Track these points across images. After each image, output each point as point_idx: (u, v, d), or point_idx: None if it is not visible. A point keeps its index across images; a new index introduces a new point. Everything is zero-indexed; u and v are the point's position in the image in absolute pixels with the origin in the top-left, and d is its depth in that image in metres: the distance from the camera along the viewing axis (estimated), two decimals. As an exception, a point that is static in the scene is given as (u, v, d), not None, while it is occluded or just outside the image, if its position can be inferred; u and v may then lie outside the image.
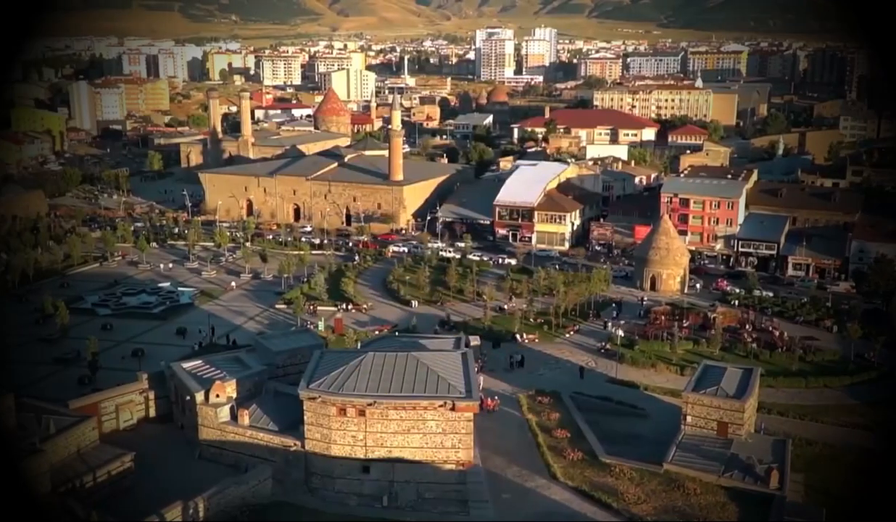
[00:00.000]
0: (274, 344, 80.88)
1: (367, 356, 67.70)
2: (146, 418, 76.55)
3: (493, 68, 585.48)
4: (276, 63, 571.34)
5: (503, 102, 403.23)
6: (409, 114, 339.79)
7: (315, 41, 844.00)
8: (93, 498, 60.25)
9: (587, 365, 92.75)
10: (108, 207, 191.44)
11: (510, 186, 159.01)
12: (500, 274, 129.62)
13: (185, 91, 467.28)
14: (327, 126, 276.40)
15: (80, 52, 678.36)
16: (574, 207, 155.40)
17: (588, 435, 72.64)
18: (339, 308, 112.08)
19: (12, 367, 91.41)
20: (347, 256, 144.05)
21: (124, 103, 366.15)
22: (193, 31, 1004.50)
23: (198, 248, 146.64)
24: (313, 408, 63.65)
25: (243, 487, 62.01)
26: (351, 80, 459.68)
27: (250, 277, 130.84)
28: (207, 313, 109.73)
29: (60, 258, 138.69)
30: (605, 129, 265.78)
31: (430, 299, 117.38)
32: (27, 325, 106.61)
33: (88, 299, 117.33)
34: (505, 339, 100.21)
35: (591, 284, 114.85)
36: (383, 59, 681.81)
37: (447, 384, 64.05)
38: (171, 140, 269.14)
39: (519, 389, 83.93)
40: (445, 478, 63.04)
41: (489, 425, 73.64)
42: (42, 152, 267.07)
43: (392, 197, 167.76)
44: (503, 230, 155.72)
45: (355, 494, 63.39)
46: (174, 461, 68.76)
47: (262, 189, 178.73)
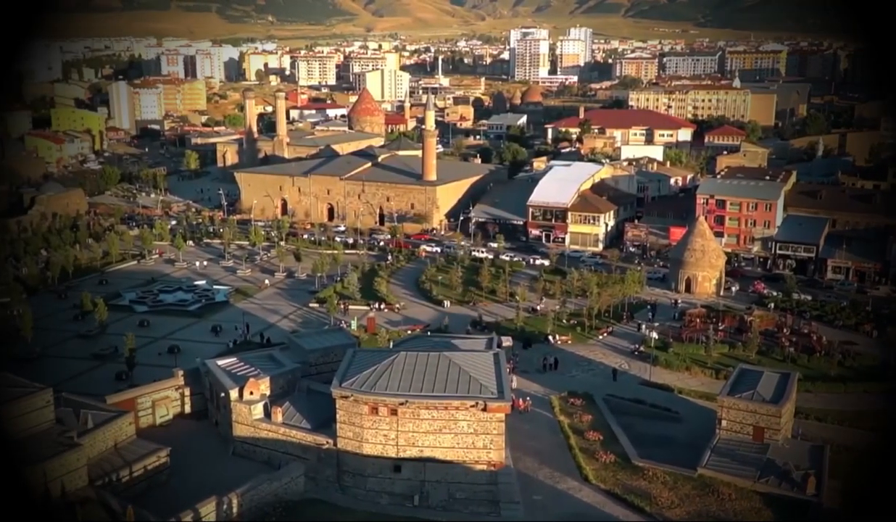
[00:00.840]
0: (307, 342, 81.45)
1: (400, 355, 67.81)
2: (181, 414, 77.46)
3: (527, 68, 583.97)
4: (311, 63, 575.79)
5: (537, 102, 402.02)
6: (442, 115, 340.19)
7: (350, 41, 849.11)
8: (129, 492, 61.17)
9: (620, 367, 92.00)
10: (145, 206, 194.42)
11: (543, 187, 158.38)
12: (532, 275, 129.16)
13: (221, 91, 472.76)
14: (361, 126, 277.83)
15: (120, 52, 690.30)
16: (608, 208, 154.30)
17: (621, 437, 72.04)
18: (372, 307, 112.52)
19: (52, 362, 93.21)
20: (380, 256, 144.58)
21: (162, 103, 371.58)
22: (230, 31, 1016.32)
23: (233, 247, 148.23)
24: (345, 407, 63.93)
25: (276, 484, 62.51)
26: (385, 81, 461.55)
27: (284, 276, 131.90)
28: (242, 311, 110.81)
29: (99, 255, 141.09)
30: (641, 130, 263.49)
31: (462, 299, 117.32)
32: (66, 321, 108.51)
33: (126, 296, 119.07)
34: (537, 340, 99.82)
35: (625, 286, 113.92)
36: (417, 60, 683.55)
37: (479, 384, 63.92)
38: (208, 139, 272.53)
39: (551, 390, 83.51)
40: (477, 479, 62.93)
41: (521, 426, 73.39)
42: (82, 151, 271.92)
43: (425, 197, 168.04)
44: (536, 231, 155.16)
45: (386, 493, 63.55)
46: (209, 457, 69.52)
47: (297, 188, 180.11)
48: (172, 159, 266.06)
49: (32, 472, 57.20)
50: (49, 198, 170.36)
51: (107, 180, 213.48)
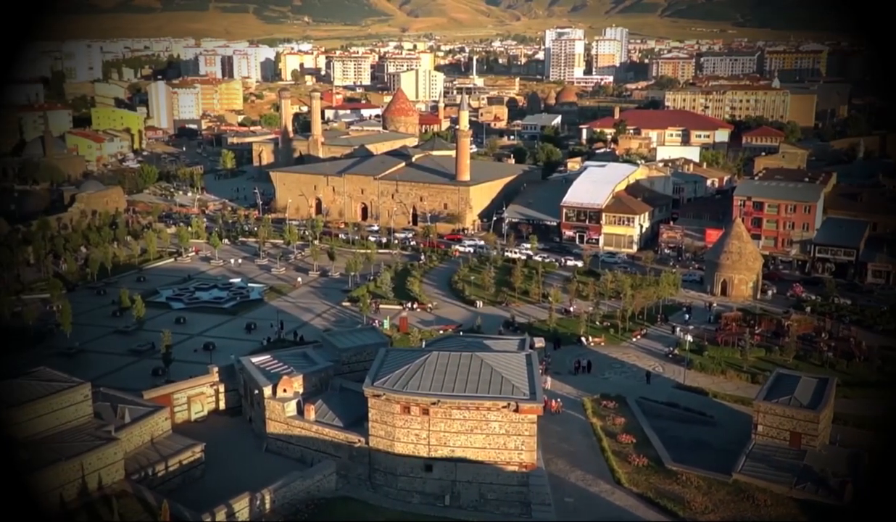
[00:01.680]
0: (340, 341, 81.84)
1: (432, 355, 67.85)
2: (216, 410, 78.30)
3: (562, 68, 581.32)
4: (346, 64, 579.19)
5: (572, 103, 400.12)
6: (476, 115, 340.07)
7: (385, 42, 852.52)
8: (164, 487, 61.98)
9: (654, 369, 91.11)
10: (182, 204, 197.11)
11: (578, 187, 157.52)
12: (566, 276, 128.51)
13: (258, 91, 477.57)
14: (395, 126, 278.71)
15: (159, 53, 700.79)
16: (643, 209, 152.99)
17: (654, 440, 71.32)
18: (405, 306, 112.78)
19: (90, 357, 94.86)
20: (413, 255, 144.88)
21: (200, 103, 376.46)
22: (267, 32, 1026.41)
23: (268, 245, 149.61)
24: (378, 406, 64.14)
25: (308, 481, 62.91)
26: (419, 81, 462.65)
27: (318, 274, 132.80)
28: (276, 309, 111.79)
29: (137, 253, 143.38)
30: (677, 130, 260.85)
31: (494, 300, 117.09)
32: (105, 317, 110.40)
33: (163, 293, 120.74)
34: (570, 341, 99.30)
35: (660, 288, 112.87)
36: (452, 60, 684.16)
37: (511, 385, 63.74)
38: (244, 139, 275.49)
39: (583, 392, 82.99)
40: (508, 480, 62.77)
41: (553, 427, 73.04)
42: (121, 150, 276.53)
43: (458, 197, 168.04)
44: (570, 231, 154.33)
45: (418, 492, 63.64)
46: (242, 453, 70.19)
47: (331, 188, 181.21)
48: (209, 158, 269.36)
49: (71, 466, 58.30)
50: (89, 195, 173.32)
51: (145, 179, 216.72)
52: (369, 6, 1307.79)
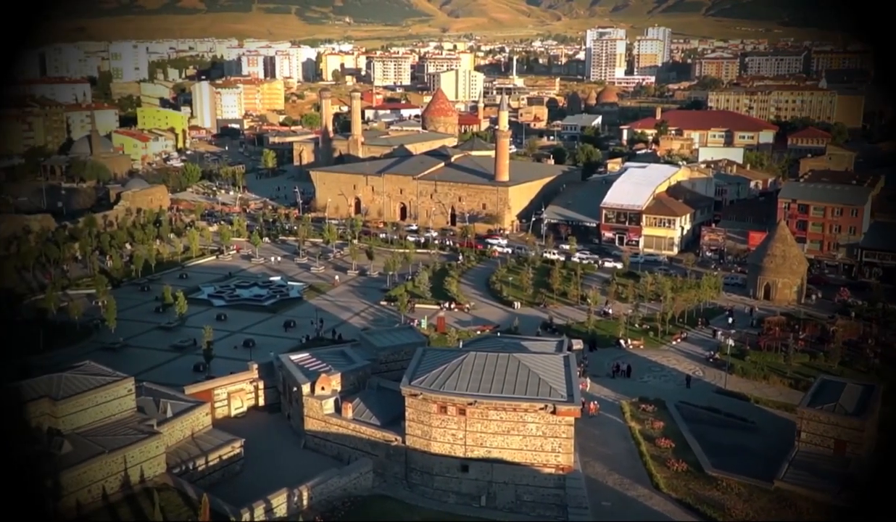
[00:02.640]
0: (378, 339, 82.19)
1: (469, 355, 67.79)
2: (255, 406, 79.16)
3: (603, 68, 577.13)
4: (386, 64, 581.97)
5: (613, 103, 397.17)
6: (516, 115, 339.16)
7: (425, 42, 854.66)
8: (204, 481, 62.85)
9: (694, 373, 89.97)
10: (224, 203, 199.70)
11: (618, 189, 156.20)
12: (605, 278, 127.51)
13: (299, 91, 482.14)
14: (435, 126, 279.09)
15: (203, 53, 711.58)
16: (684, 211, 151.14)
17: (693, 445, 70.34)
18: (442, 306, 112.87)
19: (134, 352, 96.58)
20: (451, 255, 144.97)
21: (242, 102, 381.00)
22: (309, 32, 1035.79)
23: (307, 244, 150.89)
24: (415, 405, 64.28)
25: (345, 478, 63.27)
26: (459, 81, 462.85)
27: (357, 274, 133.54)
28: (315, 307, 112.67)
29: (180, 250, 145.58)
30: (720, 131, 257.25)
31: (532, 301, 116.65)
32: (148, 313, 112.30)
33: (205, 290, 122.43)
34: (608, 344, 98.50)
35: (701, 291, 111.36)
36: (492, 60, 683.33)
37: (548, 387, 63.39)
38: (285, 138, 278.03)
39: (622, 395, 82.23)
40: (544, 482, 62.45)
41: (590, 430, 72.47)
42: (166, 149, 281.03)
43: (497, 197, 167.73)
44: (610, 233, 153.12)
45: (454, 492, 63.63)
46: (280, 449, 70.86)
47: (370, 187, 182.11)
48: (251, 157, 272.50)
49: (114, 458, 59.42)
50: (134, 193, 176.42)
51: (188, 177, 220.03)
52: (410, 7, 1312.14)
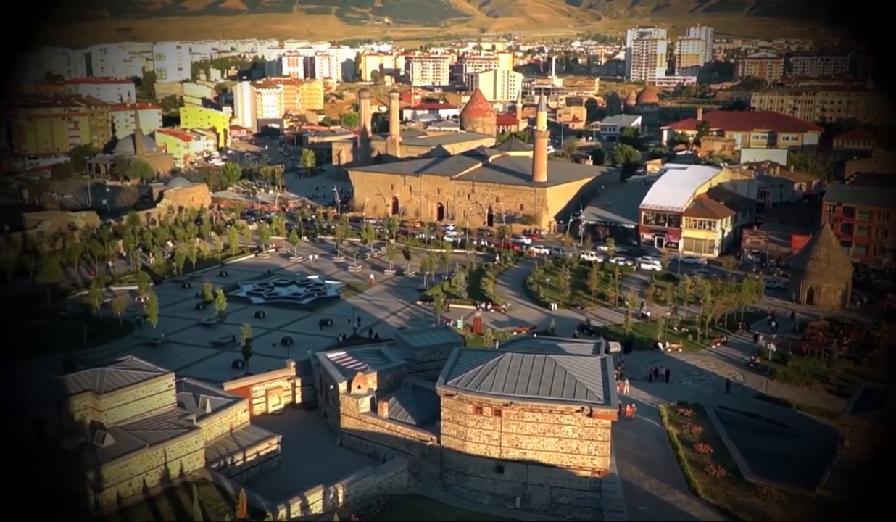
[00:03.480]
0: (414, 339, 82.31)
1: (505, 356, 67.58)
2: (292, 404, 79.77)
3: (643, 69, 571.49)
4: (425, 64, 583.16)
5: (653, 104, 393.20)
6: (554, 115, 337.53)
7: (464, 42, 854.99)
8: (242, 476, 63.48)
9: (734, 378, 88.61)
10: (264, 202, 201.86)
11: (657, 190, 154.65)
12: (643, 280, 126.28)
13: (338, 91, 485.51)
14: (473, 126, 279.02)
15: (245, 54, 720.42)
16: (725, 213, 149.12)
17: (733, 451, 69.24)
18: (479, 307, 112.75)
19: (174, 348, 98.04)
20: (488, 256, 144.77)
21: (282, 103, 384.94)
22: (348, 33, 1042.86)
23: (345, 243, 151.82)
24: (450, 405, 64.26)
25: (380, 477, 63.47)
26: (498, 81, 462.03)
27: (393, 273, 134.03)
28: (352, 306, 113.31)
29: (220, 248, 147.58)
30: (763, 132, 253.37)
31: (569, 302, 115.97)
32: (189, 310, 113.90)
33: (244, 288, 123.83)
34: (646, 347, 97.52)
35: (742, 294, 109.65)
36: (531, 60, 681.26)
37: (585, 389, 62.92)
38: (324, 138, 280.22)
39: (659, 399, 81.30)
40: (580, 485, 62.01)
41: (627, 434, 71.78)
42: (207, 148, 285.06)
43: (535, 198, 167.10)
44: (648, 235, 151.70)
45: (489, 493, 63.47)
46: (317, 447, 71.35)
47: (408, 187, 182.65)
48: (290, 157, 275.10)
49: (154, 452, 60.38)
50: (176, 192, 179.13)
51: (229, 176, 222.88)
52: (449, 7, 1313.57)
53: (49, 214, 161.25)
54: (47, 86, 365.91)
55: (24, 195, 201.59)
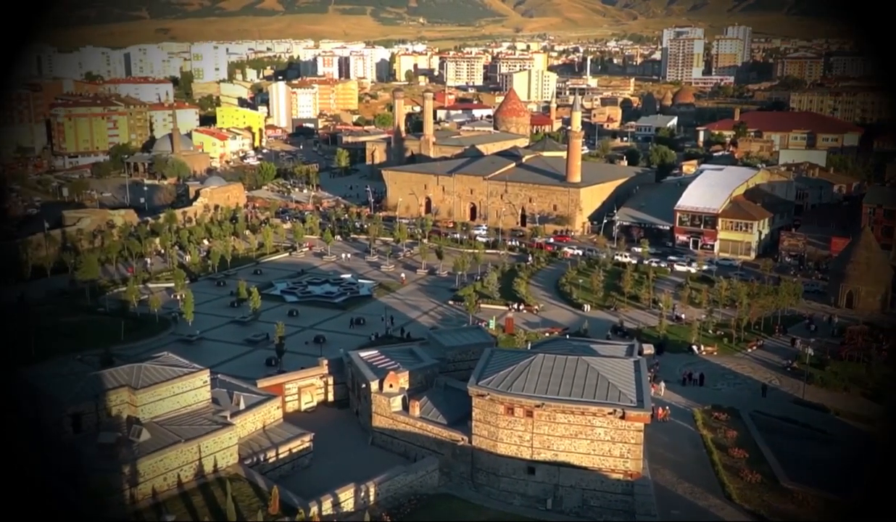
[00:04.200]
0: (446, 339, 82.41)
1: (537, 357, 67.35)
2: (324, 402, 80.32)
3: (679, 69, 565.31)
4: (459, 64, 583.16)
5: (689, 104, 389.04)
6: (589, 116, 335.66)
7: (498, 42, 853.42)
8: (274, 473, 64.09)
9: (770, 382, 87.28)
10: (298, 201, 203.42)
11: (693, 191, 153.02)
12: (678, 282, 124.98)
13: (372, 91, 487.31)
14: (506, 126, 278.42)
15: (280, 54, 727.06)
16: (762, 215, 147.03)
17: (768, 456, 68.22)
18: (511, 307, 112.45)
19: (209, 345, 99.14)
20: (521, 256, 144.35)
21: (317, 102, 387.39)
22: (383, 33, 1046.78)
23: (378, 243, 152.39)
24: (482, 405, 64.19)
25: (412, 476, 63.65)
26: (532, 81, 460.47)
27: (426, 273, 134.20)
28: (384, 305, 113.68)
29: (255, 246, 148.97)
30: (802, 133, 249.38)
31: (603, 304, 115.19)
32: (223, 307, 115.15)
33: (278, 286, 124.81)
34: (680, 350, 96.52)
35: (779, 298, 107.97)
36: (565, 60, 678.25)
37: (618, 391, 62.46)
38: (358, 138, 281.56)
39: (693, 402, 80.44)
40: (612, 487, 61.57)
41: (660, 437, 71.10)
42: (243, 148, 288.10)
43: (568, 198, 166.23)
44: (683, 236, 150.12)
45: (520, 494, 63.31)
46: (348, 445, 71.70)
47: (441, 187, 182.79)
48: (324, 156, 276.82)
49: (189, 448, 61.13)
50: (212, 190, 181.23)
51: (264, 175, 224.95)
52: (484, 7, 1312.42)
53: (88, 212, 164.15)
54: (87, 85, 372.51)
55: (64, 193, 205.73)
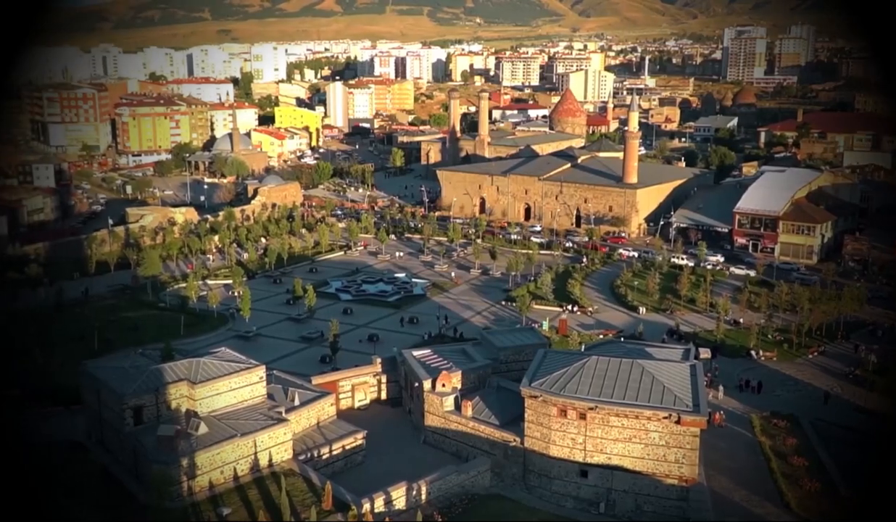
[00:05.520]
0: (499, 339, 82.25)
1: (591, 359, 66.79)
2: (377, 399, 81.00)
3: (740, 68, 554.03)
4: (515, 64, 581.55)
5: (750, 104, 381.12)
6: (646, 116, 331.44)
7: (555, 42, 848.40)
8: (327, 469, 64.86)
9: (832, 390, 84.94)
10: (353, 200, 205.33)
11: (753, 193, 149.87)
12: (736, 286, 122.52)
13: (428, 91, 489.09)
14: (562, 127, 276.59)
15: (338, 54, 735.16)
16: (825, 218, 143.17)
17: (829, 465, 66.48)
18: (565, 309, 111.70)
19: (265, 341, 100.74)
20: (575, 257, 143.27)
21: (373, 102, 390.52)
22: (440, 33, 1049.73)
23: (432, 242, 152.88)
24: (534, 407, 63.94)
25: (463, 476, 63.75)
26: (589, 81, 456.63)
27: (479, 273, 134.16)
28: (438, 305, 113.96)
29: (311, 245, 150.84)
30: (867, 135, 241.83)
31: (658, 307, 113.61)
32: (279, 304, 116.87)
33: (333, 284, 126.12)
34: (738, 355, 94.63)
35: (842, 303, 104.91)
36: (623, 60, 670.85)
37: (673, 395, 61.55)
38: (413, 138, 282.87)
39: (751, 409, 78.81)
40: (666, 493, 60.72)
41: (716, 442, 69.83)
42: (300, 147, 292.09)
43: (624, 200, 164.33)
44: (743, 239, 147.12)
45: (572, 497, 62.88)
46: (401, 443, 72.13)
47: (496, 187, 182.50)
48: (380, 156, 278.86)
49: (245, 442, 62.27)
50: (269, 189, 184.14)
51: (320, 175, 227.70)
52: (541, 7, 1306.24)
53: (150, 209, 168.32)
54: (151, 85, 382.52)
55: (128, 190, 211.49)
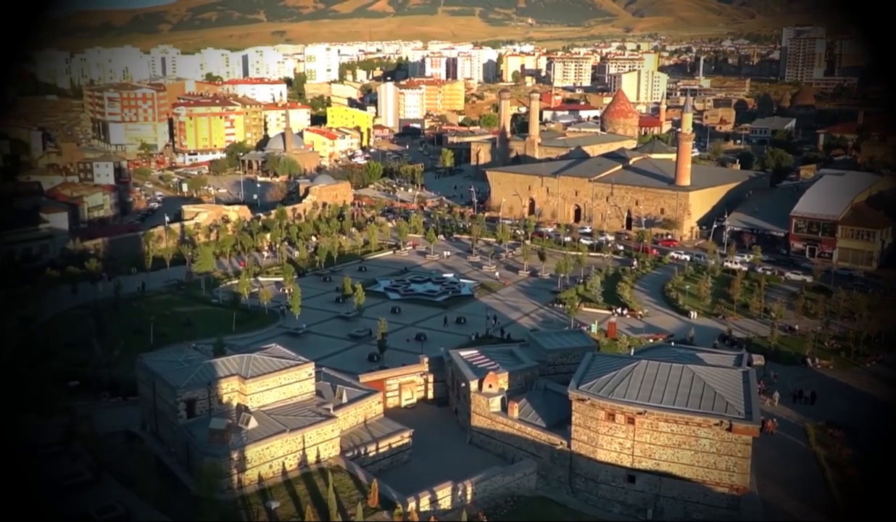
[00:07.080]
0: (547, 341, 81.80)
1: (640, 363, 65.95)
2: (424, 399, 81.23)
3: (799, 69, 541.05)
4: (566, 65, 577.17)
5: (809, 105, 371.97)
6: (701, 117, 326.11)
7: (608, 42, 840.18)
8: (374, 467, 65.23)
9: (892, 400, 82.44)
10: (403, 200, 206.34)
11: (811, 196, 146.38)
12: (791, 291, 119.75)
13: (478, 92, 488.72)
14: (614, 128, 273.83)
15: (389, 55, 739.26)
16: (886, 223, 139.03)
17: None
18: (614, 312, 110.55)
19: (314, 339, 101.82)
20: (625, 260, 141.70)
21: (424, 103, 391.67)
22: (491, 34, 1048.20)
23: (480, 243, 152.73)
24: (581, 410, 63.37)
25: (509, 478, 63.52)
26: (641, 82, 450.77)
27: (528, 274, 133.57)
28: (486, 306, 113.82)
29: (360, 244, 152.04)
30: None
31: (710, 311, 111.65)
32: (329, 302, 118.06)
33: (381, 283, 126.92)
34: (793, 362, 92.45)
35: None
36: (677, 60, 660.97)
37: (724, 402, 60.39)
38: (463, 138, 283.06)
39: (805, 417, 76.95)
40: (716, 501, 59.60)
41: (768, 451, 68.33)
42: (351, 147, 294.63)
43: (676, 202, 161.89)
44: (799, 243, 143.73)
45: (619, 502, 62.18)
46: (447, 443, 72.24)
47: (545, 188, 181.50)
48: (429, 157, 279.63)
49: (294, 437, 62.98)
50: (321, 188, 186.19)
51: (370, 174, 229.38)
52: (594, 7, 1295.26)
53: (205, 207, 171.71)
54: (207, 86, 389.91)
55: (184, 188, 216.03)
